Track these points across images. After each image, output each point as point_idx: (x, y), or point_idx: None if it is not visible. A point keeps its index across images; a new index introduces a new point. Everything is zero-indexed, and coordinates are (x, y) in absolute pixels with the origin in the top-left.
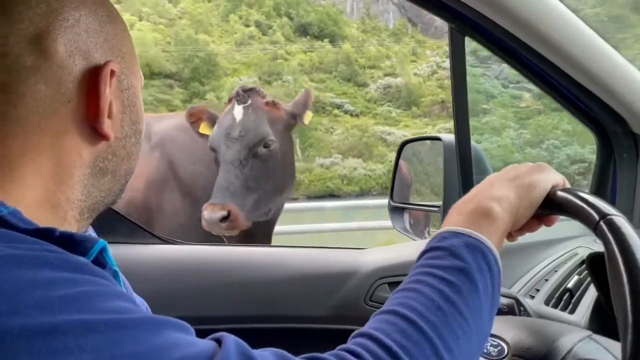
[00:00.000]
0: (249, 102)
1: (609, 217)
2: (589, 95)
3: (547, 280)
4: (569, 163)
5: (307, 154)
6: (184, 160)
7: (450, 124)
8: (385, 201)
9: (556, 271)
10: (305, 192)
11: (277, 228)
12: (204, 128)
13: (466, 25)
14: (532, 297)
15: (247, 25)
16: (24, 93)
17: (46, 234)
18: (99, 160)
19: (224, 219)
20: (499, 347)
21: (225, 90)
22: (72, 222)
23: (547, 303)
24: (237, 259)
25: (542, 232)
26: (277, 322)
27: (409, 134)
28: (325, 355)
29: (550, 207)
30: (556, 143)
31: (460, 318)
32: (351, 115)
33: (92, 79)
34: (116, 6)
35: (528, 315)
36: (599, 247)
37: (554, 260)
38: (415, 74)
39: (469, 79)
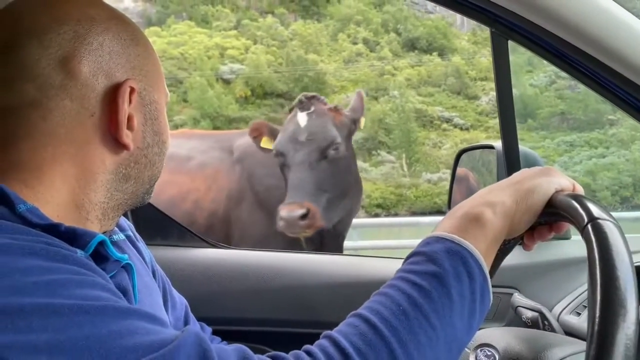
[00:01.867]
0: (312, 108)
1: (598, 220)
2: None
3: None
4: None
5: (413, 169)
6: (262, 174)
7: (571, 137)
8: None
9: None
10: (411, 208)
11: (364, 243)
12: (265, 142)
13: (508, 28)
14: (579, 314)
15: (355, 43)
16: (53, 108)
17: (54, 229)
18: (121, 167)
19: (303, 216)
20: (492, 356)
21: None
22: (94, 221)
23: None
24: (280, 265)
25: None
26: (314, 327)
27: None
28: (287, 355)
29: (550, 212)
30: None
31: (426, 324)
32: (461, 129)
33: (113, 95)
34: (233, 31)
35: (551, 329)
36: None
37: None
38: (531, 85)
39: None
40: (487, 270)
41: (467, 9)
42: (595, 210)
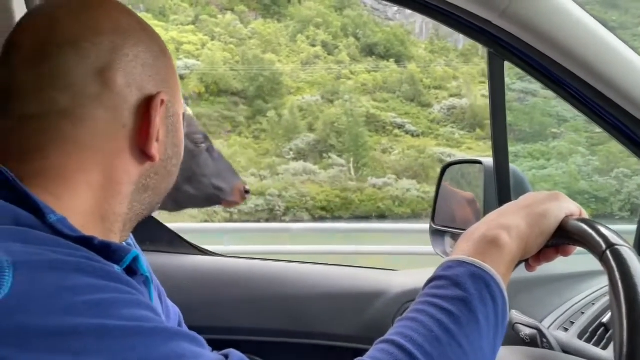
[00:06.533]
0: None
1: (615, 247)
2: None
3: (583, 313)
4: None
5: (360, 174)
6: None
7: (516, 148)
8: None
9: (593, 304)
10: (355, 212)
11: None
12: None
13: (505, 49)
14: (566, 329)
15: (314, 45)
16: (85, 117)
17: (86, 242)
18: (142, 179)
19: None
20: None
21: (287, 109)
22: (116, 233)
23: (580, 337)
24: (269, 273)
25: (582, 264)
26: (305, 337)
27: (471, 157)
28: None
29: (561, 236)
30: (627, 172)
31: (458, 349)
32: (412, 135)
33: (145, 107)
34: (191, 26)
35: (550, 347)
36: None
37: (593, 293)
38: (482, 96)
39: (539, 101)
40: (506, 292)
41: (467, 29)
42: (611, 237)
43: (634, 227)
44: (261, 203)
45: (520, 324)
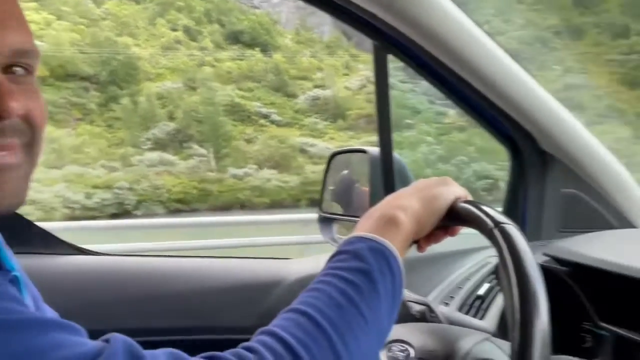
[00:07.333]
0: None
1: (501, 225)
2: (503, 114)
3: (460, 288)
4: (476, 179)
5: (221, 164)
6: None
7: (374, 138)
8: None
9: (469, 279)
10: (214, 203)
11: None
12: None
13: (389, 42)
14: (447, 304)
15: (175, 30)
16: None
17: None
18: None
19: None
20: (406, 352)
21: (144, 95)
22: None
23: (460, 309)
24: (159, 270)
25: (458, 243)
26: (202, 333)
27: (332, 146)
28: (224, 353)
29: (452, 217)
30: (464, 159)
31: (358, 316)
32: (277, 125)
33: None
34: (33, 4)
35: (438, 321)
36: None
37: (468, 268)
38: (345, 87)
39: (396, 94)
40: (403, 267)
41: (353, 21)
42: (497, 216)
43: None
44: (108, 197)
45: (410, 301)
